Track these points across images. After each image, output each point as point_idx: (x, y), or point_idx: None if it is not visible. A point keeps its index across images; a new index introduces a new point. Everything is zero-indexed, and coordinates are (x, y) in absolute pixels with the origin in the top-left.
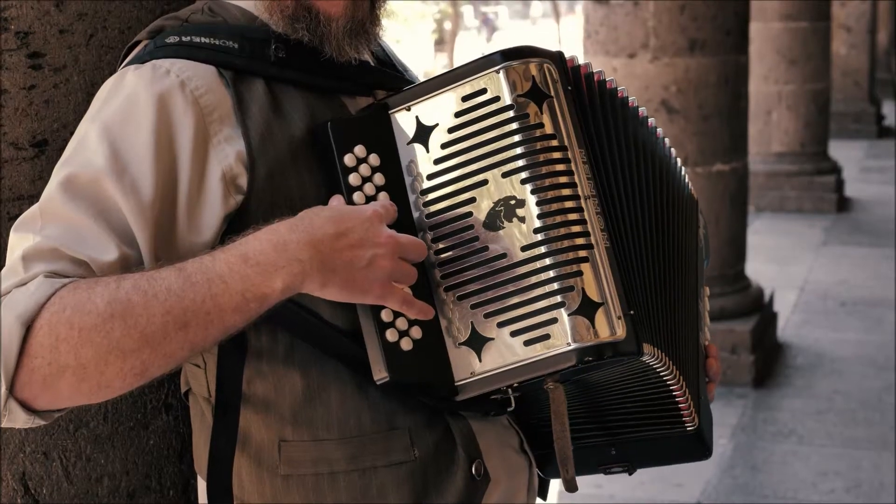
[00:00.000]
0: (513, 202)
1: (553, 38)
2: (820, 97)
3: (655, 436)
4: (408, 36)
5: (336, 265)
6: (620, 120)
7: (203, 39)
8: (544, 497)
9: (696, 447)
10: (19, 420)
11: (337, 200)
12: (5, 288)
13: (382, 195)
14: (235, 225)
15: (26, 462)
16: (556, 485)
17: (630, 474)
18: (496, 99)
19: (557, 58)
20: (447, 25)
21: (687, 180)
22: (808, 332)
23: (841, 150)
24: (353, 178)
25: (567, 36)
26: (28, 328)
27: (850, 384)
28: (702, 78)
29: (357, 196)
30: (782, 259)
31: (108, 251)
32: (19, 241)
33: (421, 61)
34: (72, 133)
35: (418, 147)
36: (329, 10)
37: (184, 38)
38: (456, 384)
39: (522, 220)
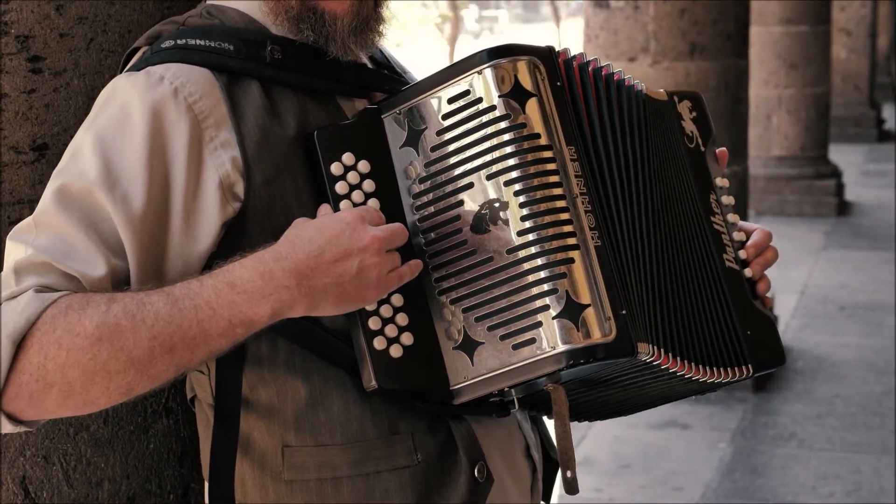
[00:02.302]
0: (497, 205)
1: (553, 42)
2: (820, 101)
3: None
4: (408, 41)
5: (326, 285)
6: (623, 107)
7: (198, 41)
8: (547, 500)
9: (768, 367)
10: (6, 428)
11: (325, 209)
12: None
13: (372, 202)
14: (233, 232)
15: (26, 466)
16: (556, 487)
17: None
18: (479, 100)
19: (546, 53)
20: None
21: (644, 91)
22: (808, 337)
23: (841, 154)
24: (340, 187)
25: (568, 40)
26: (18, 345)
27: (851, 388)
28: (702, 82)
29: (344, 205)
30: (782, 263)
31: (97, 266)
32: (14, 250)
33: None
34: (72, 137)
35: (412, 150)
36: (335, 10)
37: (179, 41)
38: (452, 388)
39: (507, 222)
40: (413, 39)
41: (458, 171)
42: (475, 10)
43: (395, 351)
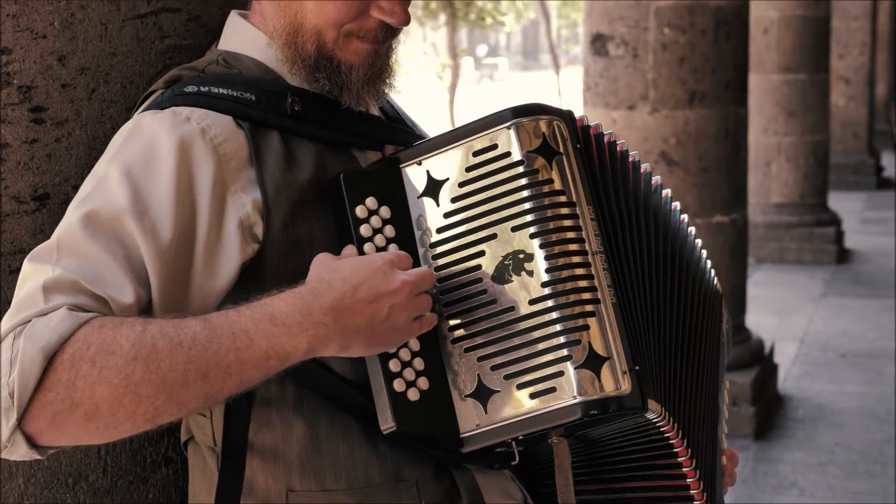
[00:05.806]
0: (521, 256)
1: (553, 90)
2: (819, 148)
3: None
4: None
5: (359, 326)
6: (630, 181)
7: (221, 90)
8: None
9: None
10: (18, 452)
11: (349, 250)
12: (25, 317)
13: (392, 247)
14: (248, 274)
15: None
16: None
17: None
18: (507, 154)
19: (567, 116)
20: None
21: (713, 275)
22: (808, 384)
23: (840, 202)
24: (365, 230)
25: (567, 87)
26: (49, 361)
27: (851, 436)
28: (701, 130)
29: (368, 247)
30: (782, 311)
31: (125, 293)
32: (35, 271)
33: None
34: (74, 187)
35: (428, 201)
36: (351, 60)
37: (202, 88)
38: (461, 436)
39: (531, 273)
40: (414, 87)
41: (481, 221)
42: (475, 57)
43: (413, 394)
